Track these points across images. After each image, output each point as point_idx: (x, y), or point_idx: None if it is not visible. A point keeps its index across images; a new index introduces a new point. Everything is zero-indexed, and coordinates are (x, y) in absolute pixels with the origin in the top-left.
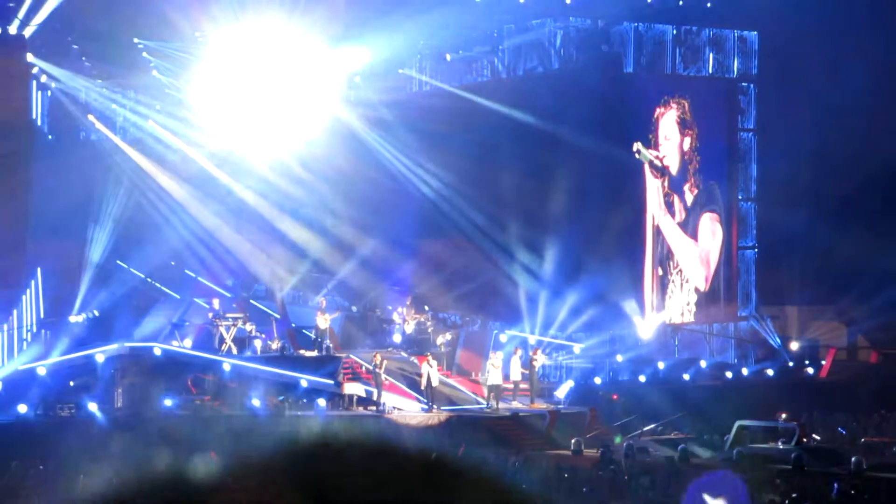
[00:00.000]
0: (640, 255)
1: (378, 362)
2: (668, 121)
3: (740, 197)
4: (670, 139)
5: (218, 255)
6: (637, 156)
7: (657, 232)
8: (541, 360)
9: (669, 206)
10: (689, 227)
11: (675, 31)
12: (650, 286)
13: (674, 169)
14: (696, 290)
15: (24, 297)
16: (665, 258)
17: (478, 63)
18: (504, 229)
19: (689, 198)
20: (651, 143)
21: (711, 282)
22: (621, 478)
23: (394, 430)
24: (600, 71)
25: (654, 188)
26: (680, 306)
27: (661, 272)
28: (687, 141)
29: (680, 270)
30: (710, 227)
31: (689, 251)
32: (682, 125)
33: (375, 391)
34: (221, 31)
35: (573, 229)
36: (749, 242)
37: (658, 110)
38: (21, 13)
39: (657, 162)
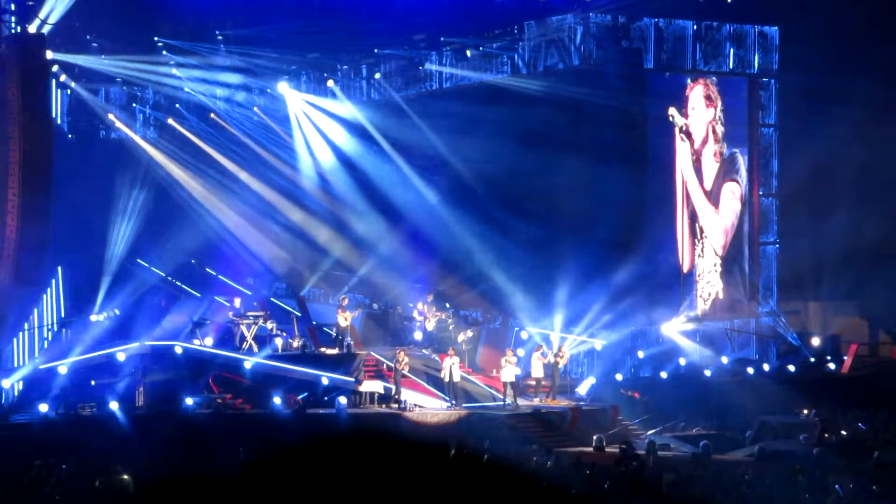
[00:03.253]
0: (673, 219)
1: (400, 359)
2: (696, 94)
3: (761, 192)
4: (698, 110)
5: (238, 254)
6: (671, 119)
7: (686, 196)
8: (565, 357)
9: (697, 172)
10: (713, 195)
11: (695, 27)
12: (682, 249)
13: (699, 138)
14: (718, 257)
15: (45, 296)
16: (693, 220)
17: (498, 59)
18: (523, 225)
19: (714, 167)
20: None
21: (728, 249)
22: (643, 474)
23: (413, 428)
24: (620, 67)
25: (684, 151)
26: (706, 274)
27: (689, 234)
28: (711, 112)
29: (705, 235)
30: (731, 195)
31: (712, 218)
32: (708, 99)
33: (395, 388)
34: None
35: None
36: (770, 238)
37: (689, 85)
38: (42, 13)
39: (687, 128)
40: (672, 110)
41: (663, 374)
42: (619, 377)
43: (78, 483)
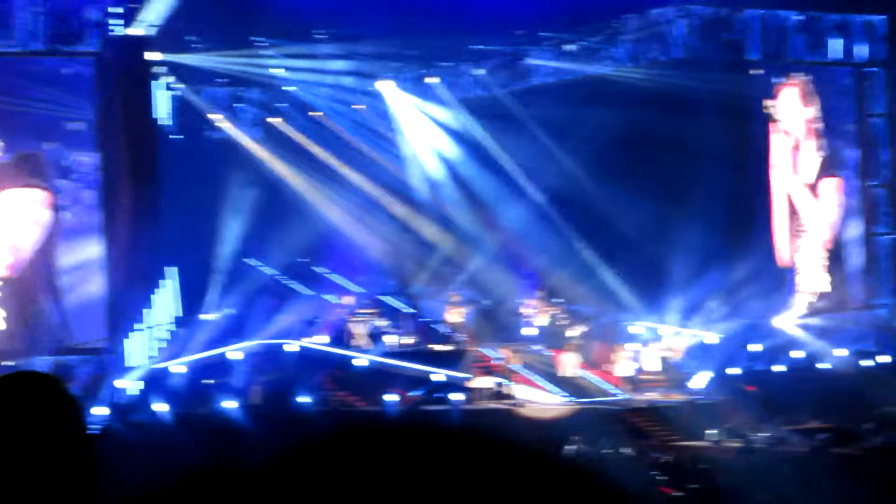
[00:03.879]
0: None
1: (508, 355)
2: (790, 93)
3: (872, 183)
4: (793, 108)
5: (348, 251)
6: (765, 110)
7: (785, 190)
8: (679, 351)
9: (796, 166)
10: (815, 189)
11: (799, 17)
12: (781, 244)
13: (797, 134)
14: (824, 251)
15: (158, 295)
16: (792, 214)
17: (598, 53)
18: (631, 218)
19: (815, 162)
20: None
21: (835, 242)
22: (761, 468)
23: (526, 423)
24: (722, 58)
25: (781, 145)
26: (809, 269)
27: (789, 229)
28: (810, 110)
29: (805, 230)
30: (834, 189)
31: (814, 212)
32: (805, 98)
33: (507, 384)
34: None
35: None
36: (882, 229)
37: (782, 84)
38: (144, 15)
39: (779, 120)
40: (769, 102)
41: (778, 368)
42: (733, 371)
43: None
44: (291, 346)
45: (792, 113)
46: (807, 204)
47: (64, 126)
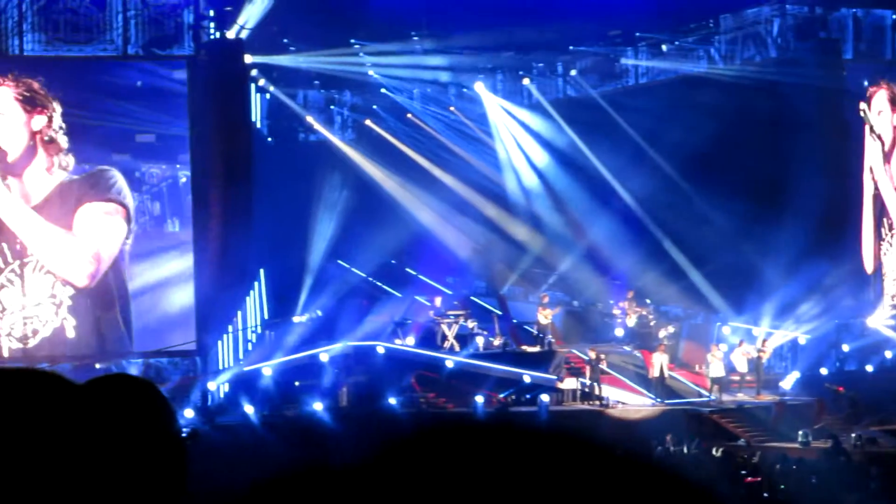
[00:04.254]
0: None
1: (594, 357)
2: (880, 98)
3: None
4: (884, 113)
5: (438, 253)
6: (861, 114)
7: (876, 194)
8: (768, 351)
9: (888, 171)
10: None
11: (894, 16)
12: (866, 247)
13: (887, 140)
14: None
15: (248, 298)
16: (880, 217)
17: (694, 53)
18: (722, 219)
19: None
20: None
21: None
22: (851, 469)
23: (615, 425)
24: (818, 58)
25: (874, 149)
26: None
27: (874, 233)
28: None
29: (894, 234)
30: None
31: None
32: (893, 103)
33: (595, 386)
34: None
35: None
36: None
37: (871, 89)
38: (241, 19)
39: (873, 125)
40: (863, 105)
41: (869, 368)
42: (823, 371)
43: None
44: (381, 348)
45: (884, 117)
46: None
47: (134, 138)
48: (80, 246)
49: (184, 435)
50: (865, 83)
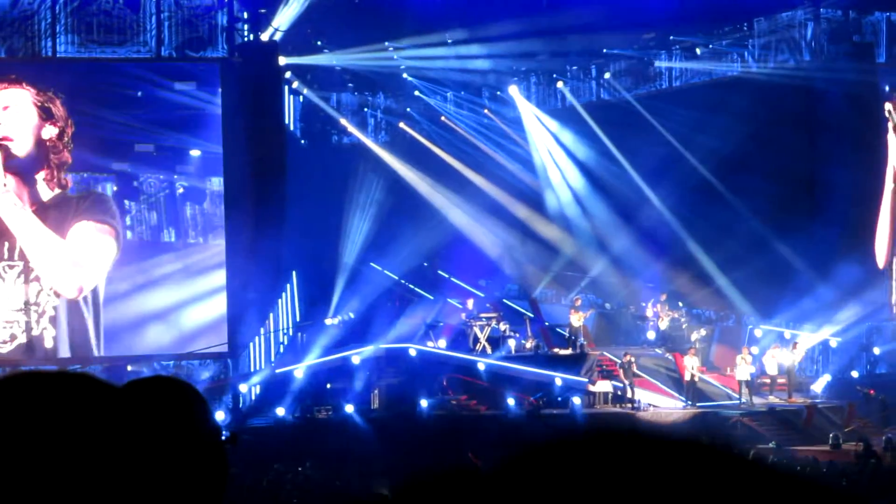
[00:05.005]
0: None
1: (626, 360)
2: None
3: None
4: None
5: (471, 256)
6: (887, 115)
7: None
8: (800, 354)
9: None
10: None
11: None
12: (879, 245)
13: None
14: None
15: (280, 300)
16: None
17: (728, 56)
18: (755, 222)
19: None
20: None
21: None
22: (881, 472)
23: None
24: (851, 62)
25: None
26: None
27: (890, 231)
28: None
29: None
30: None
31: None
32: None
33: (628, 388)
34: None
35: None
36: None
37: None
38: (275, 21)
39: None
40: (888, 105)
41: None
42: (854, 374)
43: (316, 486)
44: (413, 350)
45: None
46: None
47: (133, 148)
48: (73, 257)
49: (224, 437)
50: (889, 86)
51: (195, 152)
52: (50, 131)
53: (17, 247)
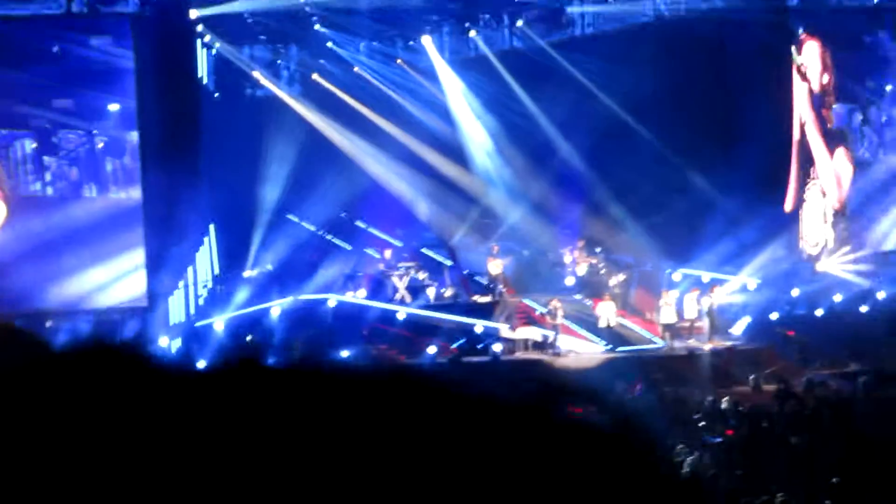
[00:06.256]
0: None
1: (553, 306)
2: (810, 48)
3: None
4: (814, 61)
5: (387, 206)
6: (793, 59)
7: (802, 135)
8: (718, 297)
9: (817, 114)
10: (830, 144)
11: None
12: (790, 189)
13: (817, 88)
14: (832, 208)
15: (198, 253)
16: (805, 161)
17: (640, 2)
18: (669, 166)
19: (830, 117)
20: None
21: (845, 203)
22: (802, 412)
23: (566, 372)
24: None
25: (801, 91)
26: (812, 219)
27: (797, 175)
28: (826, 77)
29: (815, 179)
30: (843, 156)
31: (826, 165)
32: (824, 54)
33: (552, 334)
34: None
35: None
36: None
37: (803, 36)
38: None
39: (802, 69)
40: (794, 49)
41: (819, 312)
42: (773, 316)
43: None
44: (332, 301)
45: (813, 66)
46: (820, 156)
47: (51, 104)
48: None
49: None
50: (801, 30)
51: (114, 107)
52: None
53: None
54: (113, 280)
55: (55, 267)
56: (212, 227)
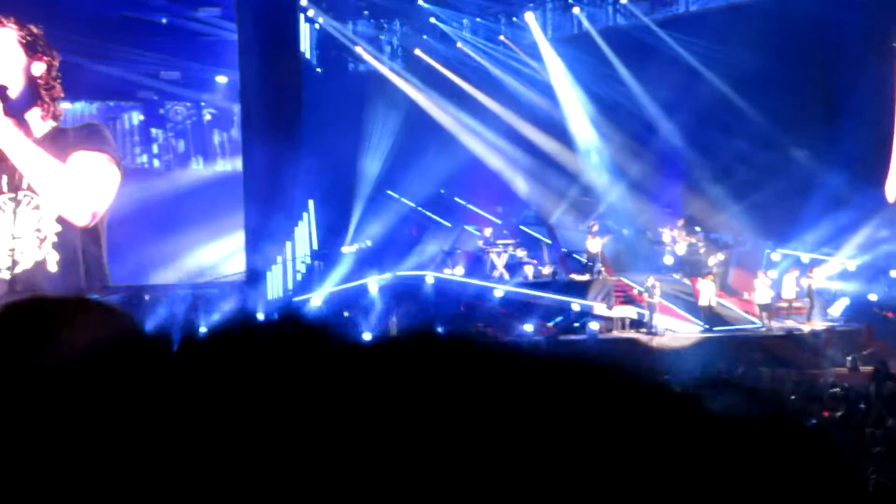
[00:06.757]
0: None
1: (650, 284)
2: None
3: None
4: None
5: (488, 183)
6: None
7: None
8: (818, 277)
9: None
10: None
11: None
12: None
13: None
14: None
15: (297, 228)
16: None
17: None
18: (774, 147)
19: None
20: None
21: None
22: None
23: (664, 352)
24: None
25: None
26: None
27: None
28: None
29: None
30: None
31: None
32: None
33: (648, 313)
34: None
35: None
36: None
37: None
38: None
39: None
40: None
41: None
42: (872, 297)
43: None
44: (430, 278)
45: None
46: None
47: (159, 75)
48: (80, 184)
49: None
50: None
51: (221, 79)
52: (38, 67)
53: (17, 177)
54: (214, 255)
55: (157, 241)
56: (311, 203)
